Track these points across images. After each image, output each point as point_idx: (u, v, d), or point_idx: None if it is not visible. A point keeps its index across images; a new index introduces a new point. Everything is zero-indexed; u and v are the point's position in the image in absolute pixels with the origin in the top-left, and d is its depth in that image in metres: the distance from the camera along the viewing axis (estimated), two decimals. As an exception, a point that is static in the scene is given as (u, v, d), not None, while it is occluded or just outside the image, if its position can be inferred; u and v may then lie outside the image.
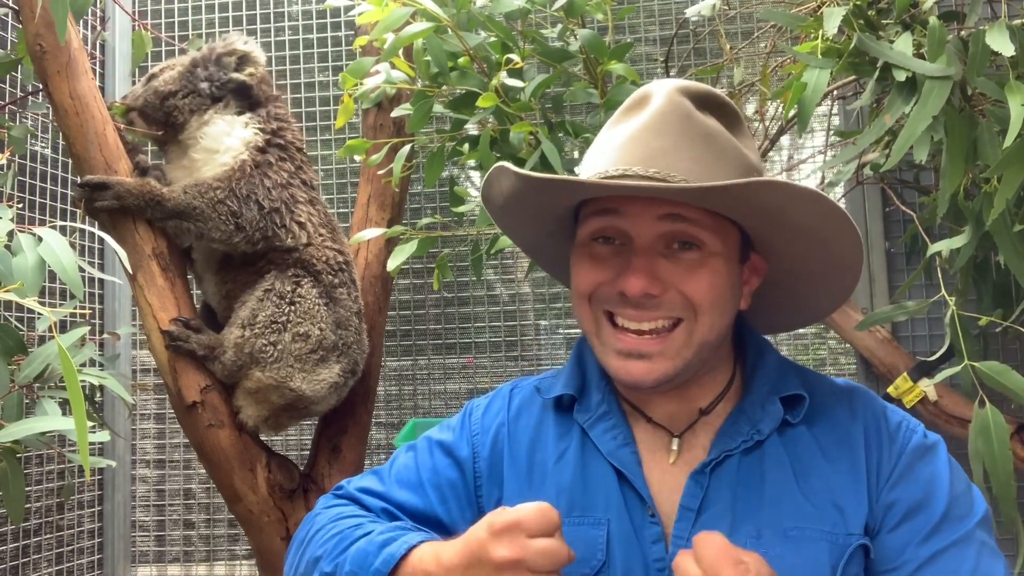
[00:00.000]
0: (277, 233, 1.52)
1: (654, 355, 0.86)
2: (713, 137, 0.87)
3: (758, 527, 0.84)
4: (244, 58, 1.58)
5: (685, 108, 0.86)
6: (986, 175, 1.18)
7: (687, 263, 0.86)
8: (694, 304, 0.85)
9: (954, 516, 0.85)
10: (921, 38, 1.22)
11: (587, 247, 0.90)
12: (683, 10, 1.57)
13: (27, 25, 1.46)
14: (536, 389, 1.01)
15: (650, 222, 0.85)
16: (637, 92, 0.92)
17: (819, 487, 0.86)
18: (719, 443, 0.89)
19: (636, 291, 0.84)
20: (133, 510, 2.23)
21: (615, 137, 0.89)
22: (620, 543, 0.86)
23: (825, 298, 0.99)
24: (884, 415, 0.92)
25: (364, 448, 1.76)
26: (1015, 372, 1.18)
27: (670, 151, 0.84)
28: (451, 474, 0.98)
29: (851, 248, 0.88)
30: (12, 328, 1.32)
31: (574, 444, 0.94)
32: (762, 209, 0.84)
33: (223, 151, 1.52)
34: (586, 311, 0.91)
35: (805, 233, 0.87)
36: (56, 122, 1.51)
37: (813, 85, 1.19)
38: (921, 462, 0.88)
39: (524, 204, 0.94)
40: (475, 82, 1.49)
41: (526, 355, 2.17)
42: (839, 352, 2.08)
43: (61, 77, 1.46)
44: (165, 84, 1.55)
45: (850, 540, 0.84)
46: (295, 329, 1.51)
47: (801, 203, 0.83)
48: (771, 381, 0.92)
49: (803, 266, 0.93)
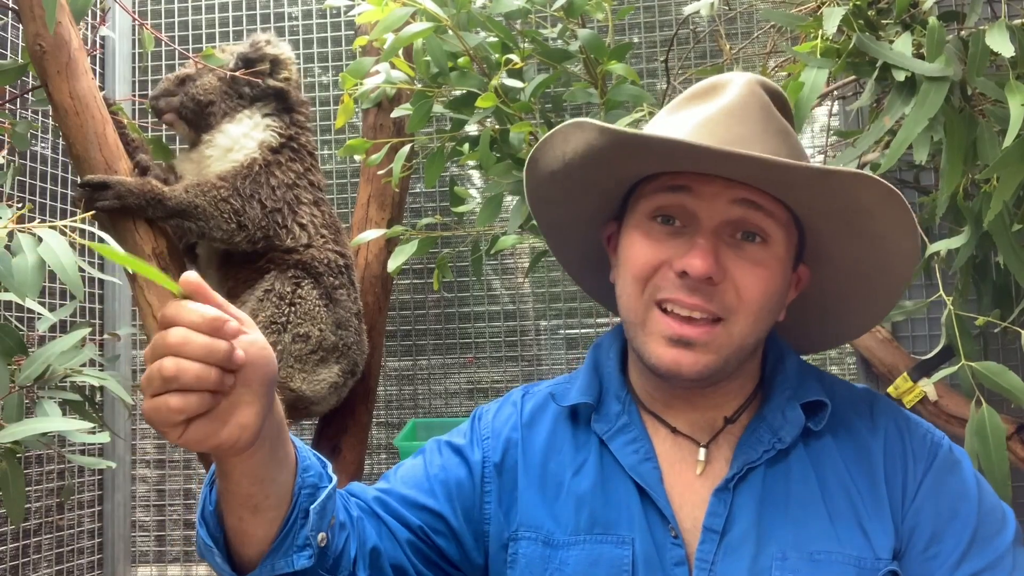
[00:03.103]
0: (278, 233, 1.53)
1: (699, 345, 0.82)
2: (788, 134, 0.85)
3: (783, 549, 0.81)
4: (276, 61, 1.58)
5: (765, 101, 0.84)
6: (985, 175, 1.18)
7: (749, 256, 0.82)
8: (744, 301, 0.82)
9: (985, 536, 0.82)
10: (921, 38, 1.22)
11: (644, 225, 0.85)
12: (683, 10, 1.57)
13: (27, 25, 1.46)
14: (550, 396, 0.98)
15: (723, 205, 0.81)
16: (707, 81, 0.88)
17: (844, 508, 0.83)
18: (740, 455, 0.86)
19: (702, 271, 0.79)
20: (133, 510, 2.23)
21: (689, 118, 0.84)
22: (644, 564, 0.83)
23: (856, 317, 0.96)
24: (907, 428, 0.88)
25: (364, 448, 1.76)
26: (1012, 373, 1.18)
27: (752, 139, 0.81)
28: (460, 472, 0.95)
29: (904, 273, 0.85)
30: (12, 328, 1.32)
31: (593, 456, 0.91)
32: (850, 209, 0.81)
33: (236, 149, 1.53)
34: (636, 296, 0.85)
35: (872, 244, 0.84)
36: (56, 122, 1.51)
37: (810, 85, 1.19)
38: (948, 478, 0.84)
39: (587, 168, 0.87)
40: (475, 82, 1.49)
41: (526, 355, 2.17)
42: (839, 352, 2.08)
43: (61, 77, 1.46)
44: (205, 93, 1.55)
45: (879, 566, 0.80)
46: (295, 330, 1.51)
47: (891, 210, 0.80)
48: (792, 387, 0.89)
49: (846, 282, 0.90)
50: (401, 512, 0.93)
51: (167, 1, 2.33)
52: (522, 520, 0.91)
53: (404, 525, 0.92)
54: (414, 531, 0.92)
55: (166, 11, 2.32)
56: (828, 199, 0.81)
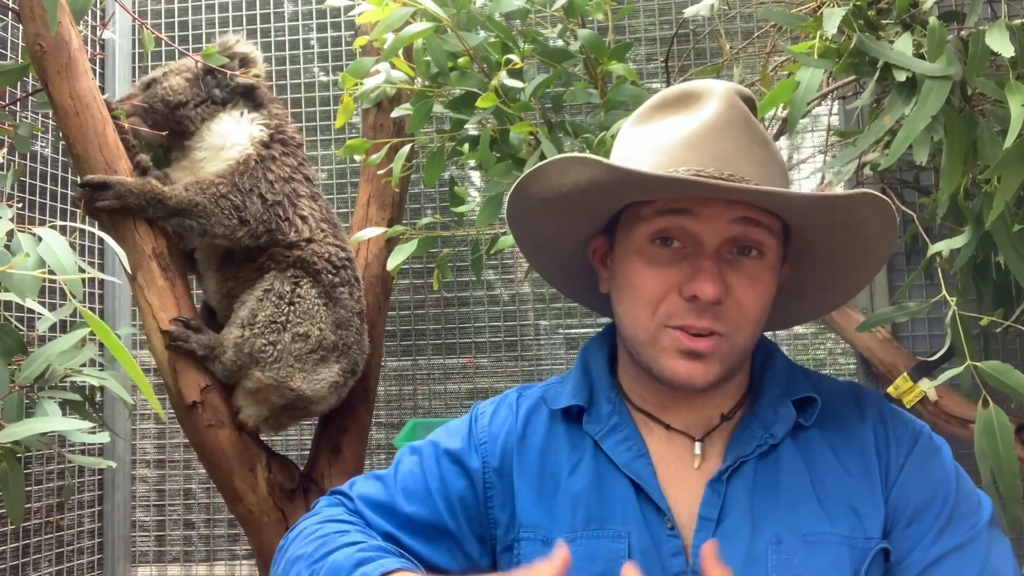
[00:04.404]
0: (280, 226, 1.53)
1: (707, 356, 0.84)
2: (768, 143, 0.86)
3: (778, 533, 0.84)
4: (245, 59, 1.59)
5: (745, 112, 0.85)
6: (986, 175, 1.18)
7: (747, 272, 0.85)
8: (745, 315, 0.84)
9: (962, 515, 0.85)
10: (921, 38, 1.22)
11: (645, 251, 0.86)
12: (683, 10, 1.56)
13: (27, 25, 1.46)
14: (542, 399, 0.99)
15: (724, 225, 0.83)
16: (679, 89, 0.89)
17: (835, 492, 0.86)
18: (734, 449, 0.88)
19: (712, 296, 0.81)
20: (133, 510, 2.23)
21: (670, 132, 0.85)
22: (640, 557, 0.85)
23: (830, 295, 0.99)
24: (891, 415, 0.92)
25: (364, 448, 1.75)
26: (1017, 371, 1.18)
27: (741, 153, 0.83)
28: (460, 484, 0.95)
29: (880, 258, 0.90)
30: (12, 328, 1.32)
31: (587, 455, 0.92)
32: (845, 221, 0.84)
33: (229, 147, 1.53)
34: (647, 319, 0.86)
35: (856, 241, 0.87)
36: (56, 122, 1.51)
37: (805, 84, 1.19)
38: (928, 462, 0.88)
39: (587, 200, 0.88)
40: (475, 82, 1.49)
41: (526, 355, 2.17)
42: (839, 352, 2.08)
43: (61, 77, 1.46)
44: (174, 93, 1.55)
45: (870, 544, 0.84)
46: (295, 329, 1.51)
47: (881, 215, 0.83)
48: (782, 384, 0.91)
49: (826, 271, 0.93)
50: (408, 547, 0.94)
51: (167, 1, 2.33)
52: (522, 521, 0.92)
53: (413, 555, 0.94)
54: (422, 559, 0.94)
55: (166, 11, 2.32)
56: (826, 215, 0.84)
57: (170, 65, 1.61)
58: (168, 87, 1.55)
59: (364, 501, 0.97)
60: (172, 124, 1.56)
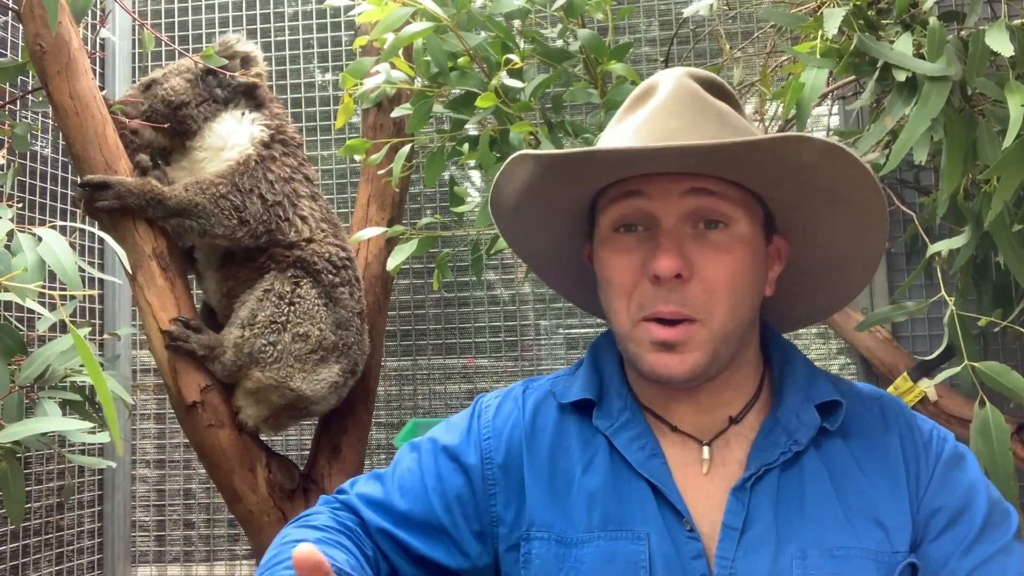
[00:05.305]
0: (280, 226, 1.53)
1: (680, 344, 0.82)
2: (726, 116, 0.85)
3: (803, 547, 0.81)
4: (246, 59, 1.59)
5: (695, 90, 0.85)
6: (985, 175, 1.18)
7: (712, 244, 0.82)
8: (714, 294, 0.82)
9: (994, 524, 0.83)
10: (921, 38, 1.22)
11: (610, 240, 0.87)
12: (683, 10, 1.57)
13: (27, 25, 1.46)
14: (550, 392, 0.97)
15: (676, 199, 0.82)
16: (641, 85, 0.90)
17: (860, 504, 0.84)
18: (756, 456, 0.85)
19: (669, 270, 0.80)
20: (133, 510, 2.23)
21: (629, 125, 0.86)
22: (661, 559, 0.83)
23: (846, 281, 0.97)
24: (916, 423, 0.90)
25: (364, 448, 1.76)
26: (1015, 372, 1.19)
27: (688, 129, 0.81)
28: (457, 481, 0.94)
29: (876, 213, 0.86)
30: (12, 328, 1.32)
31: (601, 453, 0.90)
32: (792, 169, 0.81)
33: (229, 147, 1.54)
34: (623, 311, 0.86)
35: (831, 199, 0.85)
36: (56, 122, 1.51)
37: (811, 85, 1.19)
38: (957, 470, 0.86)
39: (540, 196, 0.89)
40: (475, 82, 1.49)
41: (526, 355, 2.17)
42: (839, 352, 2.08)
43: (61, 77, 1.46)
44: (176, 94, 1.55)
45: (896, 559, 0.81)
46: (295, 329, 1.51)
47: (831, 157, 0.80)
48: (803, 388, 0.89)
49: (827, 245, 0.91)
50: (405, 544, 0.94)
51: (167, 1, 2.33)
52: (533, 520, 0.90)
53: (408, 555, 0.93)
54: (416, 561, 0.94)
55: (166, 11, 2.32)
56: (772, 166, 0.81)
57: (169, 66, 1.62)
58: (169, 88, 1.55)
59: (361, 499, 0.97)
60: (174, 125, 1.56)
